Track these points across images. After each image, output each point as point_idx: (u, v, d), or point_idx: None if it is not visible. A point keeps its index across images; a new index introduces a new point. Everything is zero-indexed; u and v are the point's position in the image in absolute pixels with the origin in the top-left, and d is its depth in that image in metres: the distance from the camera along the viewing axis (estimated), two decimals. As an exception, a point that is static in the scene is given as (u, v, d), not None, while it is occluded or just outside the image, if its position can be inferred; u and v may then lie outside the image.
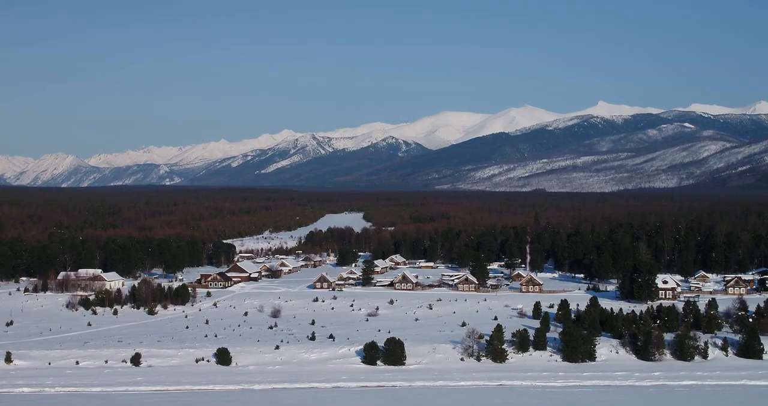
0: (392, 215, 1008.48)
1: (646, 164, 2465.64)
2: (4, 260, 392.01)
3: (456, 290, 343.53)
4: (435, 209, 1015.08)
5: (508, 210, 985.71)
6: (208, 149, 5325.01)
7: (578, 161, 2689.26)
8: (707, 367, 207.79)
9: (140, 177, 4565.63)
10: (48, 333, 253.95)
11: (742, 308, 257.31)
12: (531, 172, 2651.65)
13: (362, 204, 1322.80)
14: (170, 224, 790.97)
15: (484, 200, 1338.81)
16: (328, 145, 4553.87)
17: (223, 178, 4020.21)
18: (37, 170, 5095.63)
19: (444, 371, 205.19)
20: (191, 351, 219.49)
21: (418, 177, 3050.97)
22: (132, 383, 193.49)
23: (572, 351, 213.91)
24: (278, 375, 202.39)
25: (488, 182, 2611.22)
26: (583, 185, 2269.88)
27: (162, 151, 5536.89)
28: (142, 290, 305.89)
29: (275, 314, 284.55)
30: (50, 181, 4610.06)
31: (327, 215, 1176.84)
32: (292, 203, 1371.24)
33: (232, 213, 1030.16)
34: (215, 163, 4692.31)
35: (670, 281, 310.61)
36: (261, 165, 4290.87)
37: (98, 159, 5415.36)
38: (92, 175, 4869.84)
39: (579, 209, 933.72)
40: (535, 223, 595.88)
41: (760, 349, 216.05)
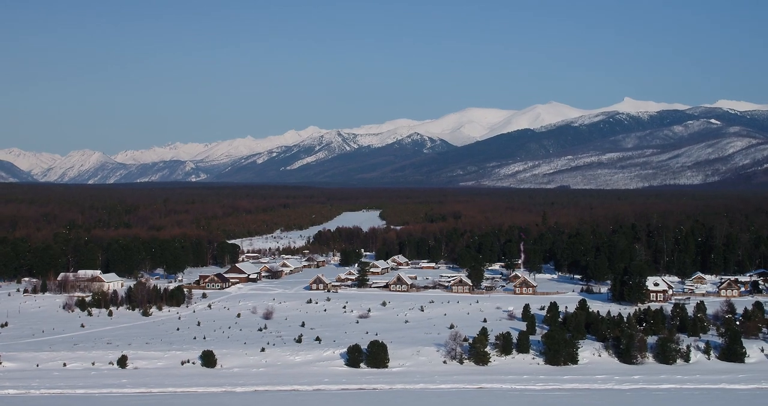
0: (408, 213, 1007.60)
1: (671, 161, 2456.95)
2: (6, 260, 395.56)
3: (450, 291, 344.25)
4: (449, 207, 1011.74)
5: (524, 208, 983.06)
6: (234, 146, 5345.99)
7: (603, 158, 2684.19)
8: (688, 370, 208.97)
9: (166, 173, 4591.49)
10: (40, 335, 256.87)
11: (730, 311, 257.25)
12: (555, 168, 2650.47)
13: (382, 202, 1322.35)
14: (182, 223, 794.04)
15: (504, 198, 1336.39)
16: (354, 142, 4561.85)
17: (248, 174, 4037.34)
18: (64, 167, 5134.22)
19: (426, 374, 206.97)
20: (178, 353, 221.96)
21: (442, 174, 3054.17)
22: (116, 385, 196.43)
23: (554, 354, 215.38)
24: (261, 377, 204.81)
25: (513, 179, 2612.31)
26: (608, 182, 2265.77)
27: (188, 148, 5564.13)
28: (137, 292, 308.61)
29: (267, 316, 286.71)
30: (77, 178, 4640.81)
31: (344, 213, 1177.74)
32: (311, 201, 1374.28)
33: (248, 211, 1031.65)
34: (241, 160, 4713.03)
35: (662, 284, 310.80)
36: (286, 161, 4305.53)
37: (125, 155, 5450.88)
38: (119, 171, 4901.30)
39: (593, 207, 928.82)
40: (543, 222, 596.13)
41: (742, 352, 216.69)
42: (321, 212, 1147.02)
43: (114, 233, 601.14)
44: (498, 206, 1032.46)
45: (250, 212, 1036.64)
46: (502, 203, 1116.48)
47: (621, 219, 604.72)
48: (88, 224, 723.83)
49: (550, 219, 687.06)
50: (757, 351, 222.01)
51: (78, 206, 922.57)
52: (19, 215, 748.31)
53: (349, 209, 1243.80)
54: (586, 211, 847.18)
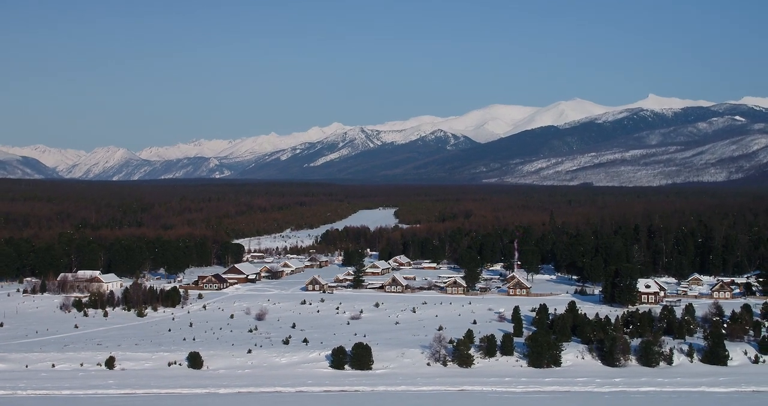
0: (422, 211, 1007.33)
1: (695, 158, 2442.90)
2: (8, 260, 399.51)
3: (445, 292, 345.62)
4: (464, 206, 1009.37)
5: (540, 207, 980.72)
6: (258, 142, 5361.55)
7: (627, 155, 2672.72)
8: (670, 373, 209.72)
9: (190, 170, 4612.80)
10: (34, 335, 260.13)
11: (718, 314, 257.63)
12: (579, 165, 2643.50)
13: (399, 200, 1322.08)
14: (192, 222, 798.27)
15: (524, 195, 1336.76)
16: (377, 139, 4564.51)
17: (272, 171, 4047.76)
18: (88, 163, 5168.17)
19: (409, 376, 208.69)
20: (165, 354, 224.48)
21: (465, 171, 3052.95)
22: (102, 386, 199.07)
23: (537, 357, 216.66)
24: (246, 379, 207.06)
25: (536, 176, 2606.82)
26: (631, 179, 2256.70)
27: (212, 144, 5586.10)
28: (133, 292, 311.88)
29: (260, 317, 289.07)
30: (101, 175, 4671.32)
31: (360, 211, 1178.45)
32: (329, 199, 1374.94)
33: (263, 209, 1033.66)
34: (265, 157, 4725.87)
35: (654, 286, 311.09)
36: (310, 158, 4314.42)
37: (149, 152, 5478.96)
38: (143, 168, 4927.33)
39: (607, 206, 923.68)
40: (550, 222, 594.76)
41: (724, 355, 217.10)
42: (337, 210, 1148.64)
43: (120, 232, 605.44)
44: (514, 204, 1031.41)
45: (265, 210, 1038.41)
46: (519, 201, 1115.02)
47: (629, 219, 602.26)
48: (100, 222, 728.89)
49: (557, 219, 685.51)
50: (741, 354, 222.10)
51: (94, 205, 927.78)
52: (33, 214, 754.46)
53: (366, 207, 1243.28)
54: (599, 210, 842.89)
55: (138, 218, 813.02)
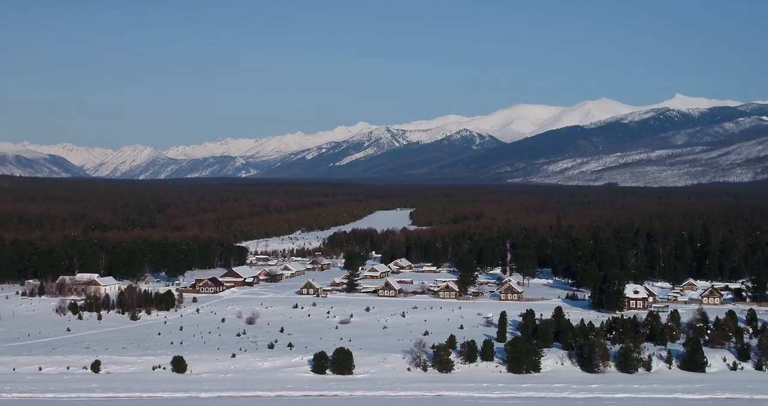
0: (438, 213, 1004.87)
1: (720, 158, 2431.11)
2: (9, 262, 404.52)
3: (437, 297, 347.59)
4: (480, 207, 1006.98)
5: (557, 208, 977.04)
6: (284, 141, 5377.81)
7: (652, 155, 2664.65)
8: (648, 379, 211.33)
9: (216, 169, 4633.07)
10: (26, 338, 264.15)
11: (702, 320, 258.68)
12: (604, 165, 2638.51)
13: (419, 200, 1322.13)
14: (203, 223, 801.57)
15: (545, 196, 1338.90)
16: (403, 138, 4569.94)
17: (297, 170, 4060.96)
18: (116, 162, 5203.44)
19: (388, 381, 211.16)
20: (151, 358, 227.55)
21: (490, 170, 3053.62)
22: (86, 389, 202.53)
23: (516, 362, 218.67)
24: (228, 383, 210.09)
25: (561, 176, 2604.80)
26: (657, 179, 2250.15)
27: (239, 143, 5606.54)
28: (128, 296, 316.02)
29: (250, 321, 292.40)
30: (128, 173, 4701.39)
31: (377, 211, 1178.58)
32: (349, 199, 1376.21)
33: (279, 210, 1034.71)
34: (290, 156, 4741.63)
35: (642, 291, 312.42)
36: (335, 157, 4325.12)
37: (176, 151, 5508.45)
38: (170, 166, 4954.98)
39: (617, 208, 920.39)
40: (556, 225, 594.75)
41: (703, 362, 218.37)
42: (353, 210, 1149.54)
43: (126, 234, 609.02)
44: (530, 205, 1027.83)
45: (280, 211, 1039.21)
46: (537, 202, 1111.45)
47: (635, 222, 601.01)
48: (113, 223, 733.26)
49: (568, 221, 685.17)
50: (720, 361, 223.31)
51: (111, 205, 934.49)
52: (48, 214, 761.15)
53: (383, 208, 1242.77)
54: (612, 212, 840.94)
55: (152, 219, 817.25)
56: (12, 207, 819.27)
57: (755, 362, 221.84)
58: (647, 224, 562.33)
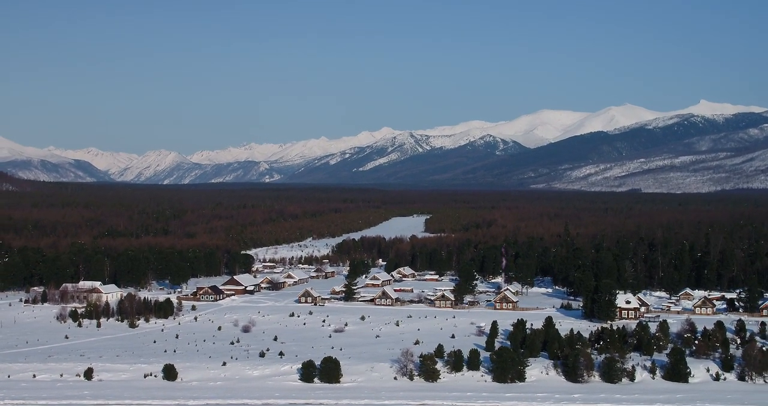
0: (453, 220, 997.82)
1: (744, 165, 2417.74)
2: (15, 270, 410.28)
3: (434, 306, 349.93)
4: (491, 215, 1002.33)
5: (572, 215, 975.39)
6: (308, 147, 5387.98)
7: (676, 161, 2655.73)
8: (630, 389, 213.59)
9: (240, 174, 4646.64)
10: (24, 345, 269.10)
11: (691, 330, 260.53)
12: (628, 171, 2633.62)
13: (438, 206, 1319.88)
14: (214, 230, 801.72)
15: (566, 202, 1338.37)
16: (426, 143, 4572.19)
17: (321, 175, 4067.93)
18: (140, 167, 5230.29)
19: (374, 390, 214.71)
20: (143, 366, 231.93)
21: (513, 176, 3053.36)
22: (77, 396, 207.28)
23: (502, 372, 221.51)
24: (216, 391, 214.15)
25: (584, 182, 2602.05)
26: (680, 185, 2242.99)
27: (263, 149, 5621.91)
28: (127, 304, 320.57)
29: (246, 329, 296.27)
30: (153, 178, 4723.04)
31: (393, 218, 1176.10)
32: (367, 205, 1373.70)
33: (294, 217, 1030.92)
34: (314, 161, 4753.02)
35: (634, 301, 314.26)
36: (359, 163, 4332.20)
37: (200, 156, 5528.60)
38: (194, 171, 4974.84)
39: (633, 216, 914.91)
40: (565, 234, 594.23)
41: (686, 372, 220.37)
42: (369, 217, 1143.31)
43: (136, 242, 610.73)
44: (547, 212, 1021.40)
45: (296, 217, 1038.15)
46: (554, 209, 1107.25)
47: (642, 231, 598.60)
48: (127, 230, 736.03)
49: (579, 229, 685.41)
50: (703, 371, 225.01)
51: (128, 211, 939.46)
52: (64, 221, 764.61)
53: (401, 214, 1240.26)
54: (627, 220, 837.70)
55: (166, 225, 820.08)
56: (29, 213, 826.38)
57: (738, 373, 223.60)
58: (651, 233, 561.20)
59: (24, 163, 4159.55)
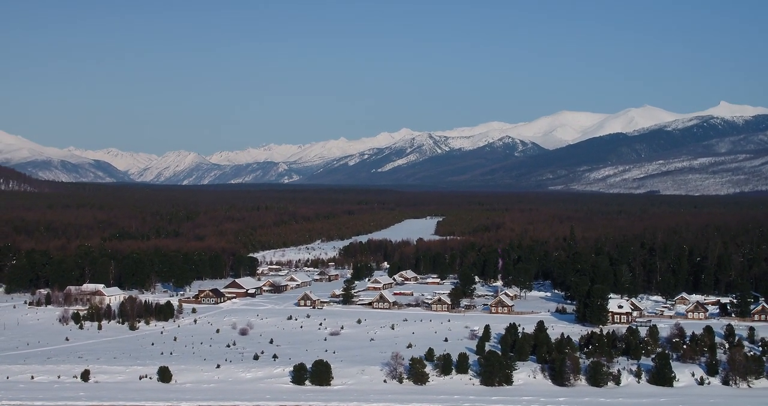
0: (465, 222, 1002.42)
1: (764, 167, 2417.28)
2: (21, 273, 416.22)
3: (430, 309, 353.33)
4: (502, 217, 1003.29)
5: (584, 217, 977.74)
6: (327, 147, 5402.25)
7: (695, 163, 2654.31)
8: (615, 393, 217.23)
9: (259, 175, 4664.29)
10: (25, 347, 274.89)
11: (680, 335, 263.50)
12: (646, 173, 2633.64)
13: (452, 208, 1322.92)
14: (224, 232, 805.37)
15: (580, 204, 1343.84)
16: (445, 145, 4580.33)
17: (339, 176, 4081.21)
18: (159, 167, 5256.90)
19: (363, 392, 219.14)
20: (139, 368, 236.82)
21: (532, 177, 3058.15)
22: (73, 397, 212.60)
23: (489, 375, 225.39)
24: (209, 393, 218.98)
25: (602, 183, 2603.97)
26: (699, 187, 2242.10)
27: (282, 149, 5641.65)
28: (128, 306, 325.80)
29: (243, 332, 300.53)
30: (172, 178, 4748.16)
31: (406, 220, 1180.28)
32: (382, 207, 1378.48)
33: (306, 219, 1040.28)
34: (333, 162, 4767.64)
35: (626, 306, 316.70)
36: (377, 164, 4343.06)
37: (219, 156, 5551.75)
38: (213, 172, 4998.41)
39: (645, 219, 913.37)
40: (570, 238, 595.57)
41: (671, 377, 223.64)
42: (382, 219, 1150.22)
43: (142, 244, 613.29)
44: (559, 214, 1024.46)
45: (308, 219, 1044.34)
46: (567, 211, 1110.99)
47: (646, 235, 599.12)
48: (138, 232, 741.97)
49: (584, 233, 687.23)
50: (688, 375, 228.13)
51: (141, 213, 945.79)
52: (76, 222, 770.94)
53: (414, 216, 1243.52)
54: (637, 223, 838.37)
55: (178, 227, 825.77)
56: (43, 214, 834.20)
57: (723, 377, 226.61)
58: (653, 237, 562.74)
59: (44, 164, 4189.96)
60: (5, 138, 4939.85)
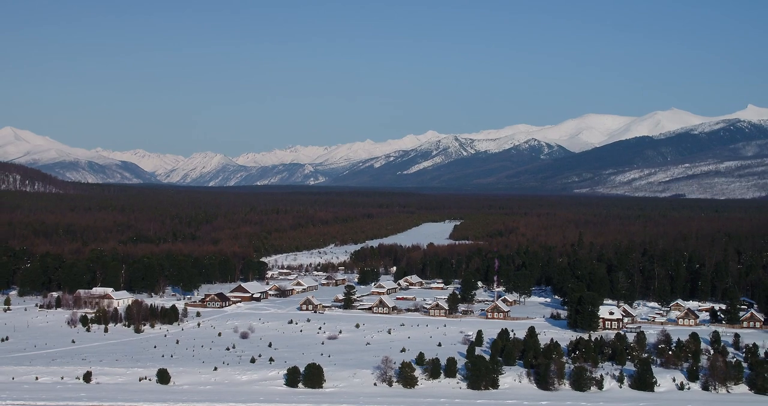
0: (481, 226, 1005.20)
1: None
2: (33, 275, 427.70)
3: (429, 315, 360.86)
4: (517, 222, 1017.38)
5: (600, 222, 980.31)
6: (353, 149, 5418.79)
7: (721, 166, 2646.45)
8: (597, 397, 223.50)
9: (285, 176, 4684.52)
10: (32, 349, 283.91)
11: (666, 341, 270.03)
12: (672, 176, 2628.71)
13: (471, 212, 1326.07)
14: (238, 236, 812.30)
15: (600, 208, 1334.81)
16: (471, 147, 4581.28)
17: (365, 178, 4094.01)
18: (186, 168, 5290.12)
19: (354, 395, 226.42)
20: (139, 370, 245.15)
21: (557, 180, 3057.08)
22: (74, 398, 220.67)
23: (476, 379, 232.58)
24: (205, 394, 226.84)
25: (628, 186, 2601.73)
26: (724, 191, 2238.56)
27: (308, 151, 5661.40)
28: (133, 310, 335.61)
29: (244, 336, 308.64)
30: (198, 180, 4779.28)
31: (424, 223, 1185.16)
32: (402, 211, 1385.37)
33: (324, 222, 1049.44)
34: (359, 164, 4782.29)
35: (617, 312, 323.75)
36: (403, 166, 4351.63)
37: (246, 158, 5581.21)
38: (239, 173, 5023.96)
39: (661, 224, 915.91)
40: (578, 244, 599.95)
41: (652, 381, 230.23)
42: (400, 222, 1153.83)
43: (156, 248, 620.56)
44: (576, 219, 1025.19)
45: (326, 223, 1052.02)
46: (585, 215, 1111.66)
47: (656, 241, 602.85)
48: (156, 235, 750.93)
49: (597, 238, 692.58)
50: (669, 380, 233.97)
51: (160, 216, 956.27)
52: (95, 225, 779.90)
53: (433, 220, 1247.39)
54: (651, 228, 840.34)
55: (196, 230, 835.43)
56: (63, 217, 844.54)
57: (702, 383, 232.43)
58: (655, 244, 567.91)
59: (71, 165, 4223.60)
60: (33, 139, 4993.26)
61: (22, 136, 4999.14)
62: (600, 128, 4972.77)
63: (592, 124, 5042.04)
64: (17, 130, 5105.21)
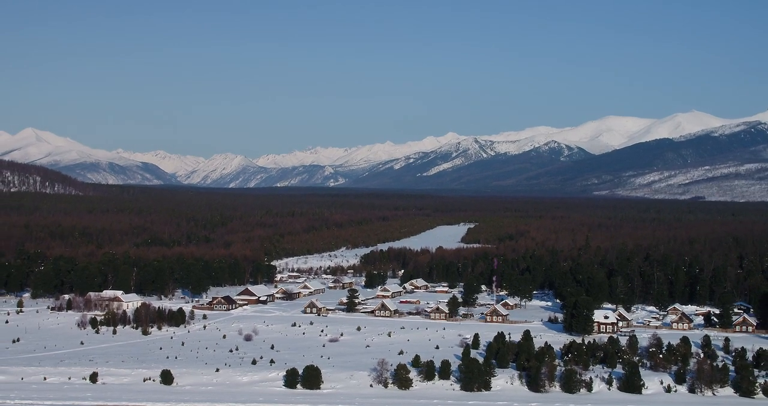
0: (494, 229, 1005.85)
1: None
2: (46, 278, 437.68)
3: (429, 318, 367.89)
4: (529, 225, 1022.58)
5: (614, 225, 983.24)
6: (373, 151, 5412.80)
7: (741, 169, 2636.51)
8: (586, 399, 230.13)
9: (305, 178, 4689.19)
10: (41, 350, 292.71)
11: (657, 345, 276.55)
12: (692, 179, 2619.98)
13: (487, 214, 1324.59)
14: (252, 239, 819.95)
15: (618, 211, 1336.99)
16: (490, 149, 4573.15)
17: (385, 180, 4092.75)
18: (207, 170, 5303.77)
19: (350, 396, 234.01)
20: (144, 371, 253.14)
21: (577, 182, 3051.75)
22: (80, 397, 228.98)
23: (469, 381, 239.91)
24: (207, 395, 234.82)
25: (647, 189, 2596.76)
26: (744, 194, 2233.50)
27: (328, 152, 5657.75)
28: (142, 312, 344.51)
29: (248, 338, 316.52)
30: (219, 181, 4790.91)
31: (439, 226, 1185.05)
32: (419, 213, 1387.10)
33: (338, 225, 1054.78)
34: (379, 165, 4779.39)
35: (612, 316, 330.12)
36: (423, 168, 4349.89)
37: (266, 159, 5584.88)
38: (259, 175, 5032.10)
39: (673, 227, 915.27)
40: (584, 247, 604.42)
41: (640, 384, 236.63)
42: (414, 225, 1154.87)
43: (168, 251, 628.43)
44: (590, 222, 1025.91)
45: (339, 225, 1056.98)
46: (599, 218, 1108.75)
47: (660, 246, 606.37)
48: (171, 238, 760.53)
49: (605, 242, 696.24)
50: (657, 383, 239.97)
51: (176, 218, 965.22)
52: (110, 228, 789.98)
53: (447, 223, 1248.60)
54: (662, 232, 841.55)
55: (211, 232, 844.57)
56: (80, 219, 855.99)
57: (689, 386, 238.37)
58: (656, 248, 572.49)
59: (92, 166, 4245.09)
60: (55, 140, 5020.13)
61: (43, 137, 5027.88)
62: (620, 130, 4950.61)
63: (612, 126, 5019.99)
64: (39, 131, 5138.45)
